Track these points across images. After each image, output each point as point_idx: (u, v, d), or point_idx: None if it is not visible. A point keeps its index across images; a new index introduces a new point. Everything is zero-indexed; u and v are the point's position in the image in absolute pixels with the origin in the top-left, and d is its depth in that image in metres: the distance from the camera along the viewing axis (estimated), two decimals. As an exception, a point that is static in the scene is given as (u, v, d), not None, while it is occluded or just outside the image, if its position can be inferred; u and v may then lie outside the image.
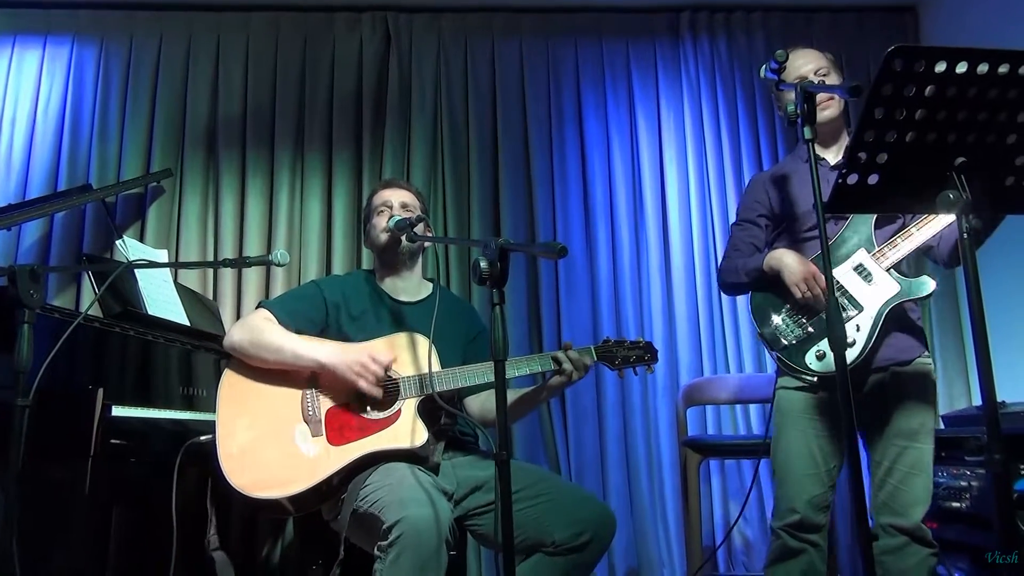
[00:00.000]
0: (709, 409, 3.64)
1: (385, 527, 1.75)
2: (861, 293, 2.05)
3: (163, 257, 3.19)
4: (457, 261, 3.72)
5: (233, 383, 2.05)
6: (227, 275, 3.61)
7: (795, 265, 2.04)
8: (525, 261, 3.74)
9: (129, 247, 3.02)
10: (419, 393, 2.04)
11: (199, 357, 2.70)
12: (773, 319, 2.11)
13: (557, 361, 2.08)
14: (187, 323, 2.86)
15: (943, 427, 2.75)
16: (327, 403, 2.03)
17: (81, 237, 3.59)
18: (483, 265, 1.59)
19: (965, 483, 2.62)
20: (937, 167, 1.50)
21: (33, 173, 3.64)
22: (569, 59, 3.98)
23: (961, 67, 1.40)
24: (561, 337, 3.64)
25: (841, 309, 2.02)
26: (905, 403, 2.06)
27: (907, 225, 2.07)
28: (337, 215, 3.72)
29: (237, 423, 1.98)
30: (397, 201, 2.29)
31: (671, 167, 3.87)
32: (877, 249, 2.07)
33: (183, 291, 3.08)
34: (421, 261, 2.37)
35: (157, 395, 2.50)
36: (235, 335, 2.06)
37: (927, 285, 2.02)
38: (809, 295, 2.02)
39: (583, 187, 3.86)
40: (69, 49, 3.79)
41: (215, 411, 2.01)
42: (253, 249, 3.64)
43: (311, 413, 2.01)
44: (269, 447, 1.95)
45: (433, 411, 2.05)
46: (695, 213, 3.82)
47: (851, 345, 2.00)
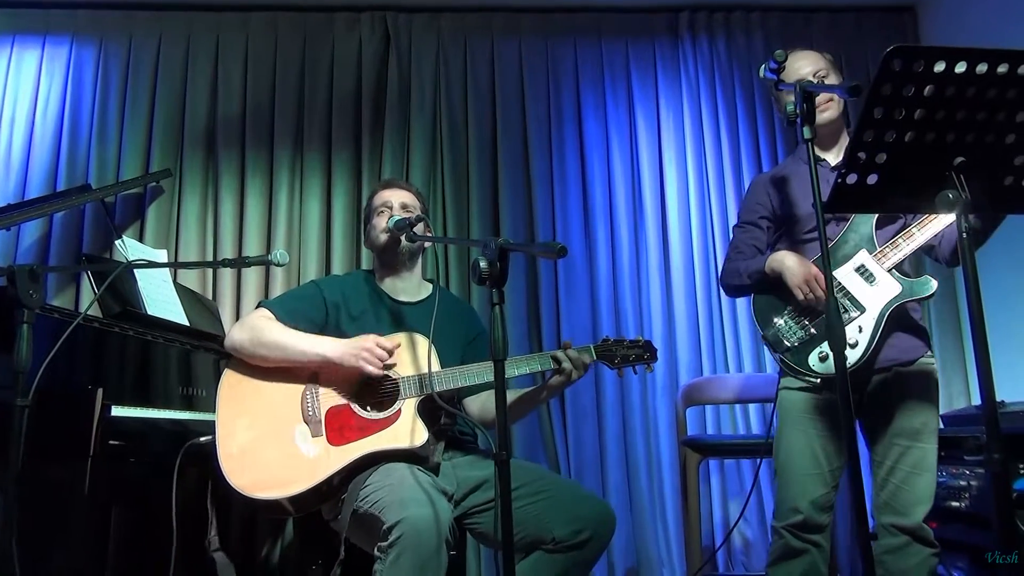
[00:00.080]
0: (708, 409, 3.64)
1: (385, 527, 1.75)
2: (863, 294, 2.04)
3: (162, 257, 3.20)
4: (457, 261, 3.72)
5: (233, 383, 2.05)
6: (226, 275, 3.61)
7: (796, 267, 2.04)
8: (524, 261, 3.73)
9: (128, 247, 3.02)
10: (419, 393, 2.04)
11: (198, 357, 2.70)
12: (775, 321, 2.11)
13: (556, 360, 2.08)
14: (186, 323, 2.86)
15: (942, 427, 2.75)
16: (327, 403, 2.03)
17: (80, 237, 3.59)
18: (483, 265, 1.59)
19: (964, 483, 2.62)
20: (936, 167, 1.51)
21: (32, 173, 3.64)
22: (568, 59, 3.98)
23: (960, 67, 1.40)
24: (561, 337, 3.64)
25: (843, 310, 2.03)
26: (908, 403, 2.06)
27: (908, 225, 2.07)
28: (336, 215, 3.72)
29: (237, 423, 1.98)
30: (397, 201, 2.29)
31: (670, 167, 3.87)
32: (878, 250, 2.06)
33: (182, 291, 3.08)
34: (421, 261, 2.37)
35: (156, 395, 2.50)
36: (236, 335, 2.06)
37: (929, 285, 2.01)
38: (811, 297, 2.01)
39: (582, 187, 3.86)
40: (68, 49, 3.79)
41: (215, 411, 2.01)
42: (252, 249, 3.64)
43: (311, 413, 2.01)
44: (269, 447, 1.95)
45: (433, 411, 2.05)
46: (694, 213, 3.83)
47: (853, 346, 2.00)
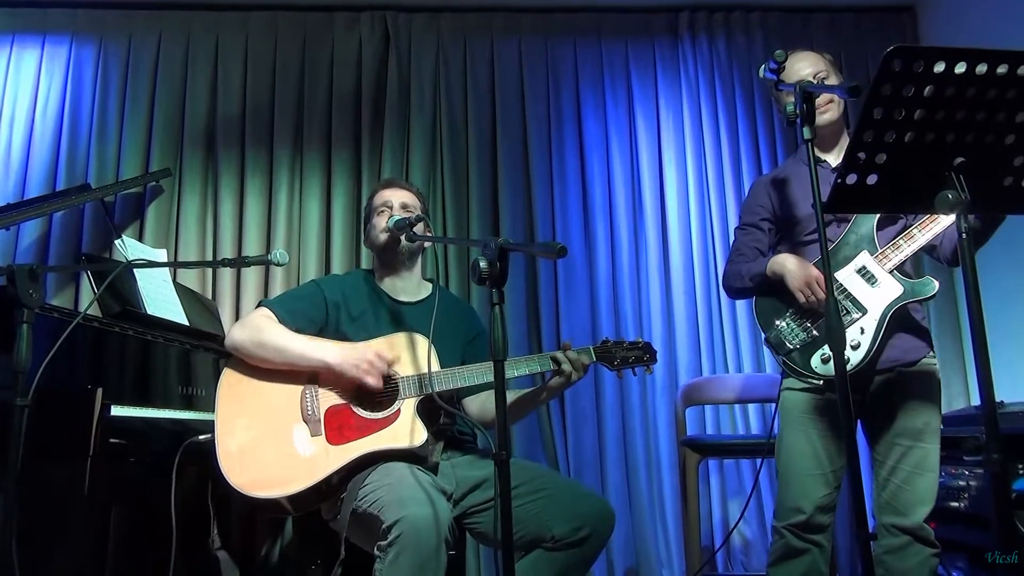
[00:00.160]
0: (708, 409, 3.64)
1: (384, 526, 1.75)
2: (865, 295, 2.04)
3: (162, 257, 3.19)
4: (456, 261, 3.72)
5: (232, 382, 2.05)
6: (226, 275, 3.61)
7: (798, 270, 2.04)
8: (524, 261, 3.73)
9: (128, 247, 3.02)
10: (418, 393, 2.04)
11: (198, 357, 2.70)
12: (778, 323, 2.10)
13: (556, 361, 2.08)
14: (186, 323, 2.86)
15: (942, 427, 2.75)
16: (326, 402, 2.03)
17: (80, 237, 3.59)
18: (482, 265, 1.59)
19: (963, 483, 2.62)
20: (936, 167, 1.50)
21: (32, 172, 3.64)
22: (568, 59, 3.98)
23: (960, 67, 1.40)
24: (560, 337, 3.64)
25: (845, 312, 2.03)
26: (910, 403, 2.06)
27: (909, 226, 2.07)
28: (336, 215, 3.72)
29: (236, 422, 1.98)
30: (397, 201, 2.29)
31: (670, 167, 3.87)
32: (880, 251, 2.06)
33: (182, 291, 3.08)
34: (420, 261, 2.37)
35: (156, 395, 2.50)
36: (237, 335, 2.06)
37: (931, 286, 2.01)
38: (813, 299, 2.01)
39: (582, 187, 3.86)
40: (68, 48, 3.79)
41: (214, 410, 2.01)
42: (252, 249, 3.63)
43: (310, 412, 2.00)
44: (268, 446, 1.95)
45: (432, 411, 2.05)
46: (694, 213, 3.83)
47: (856, 348, 2.00)
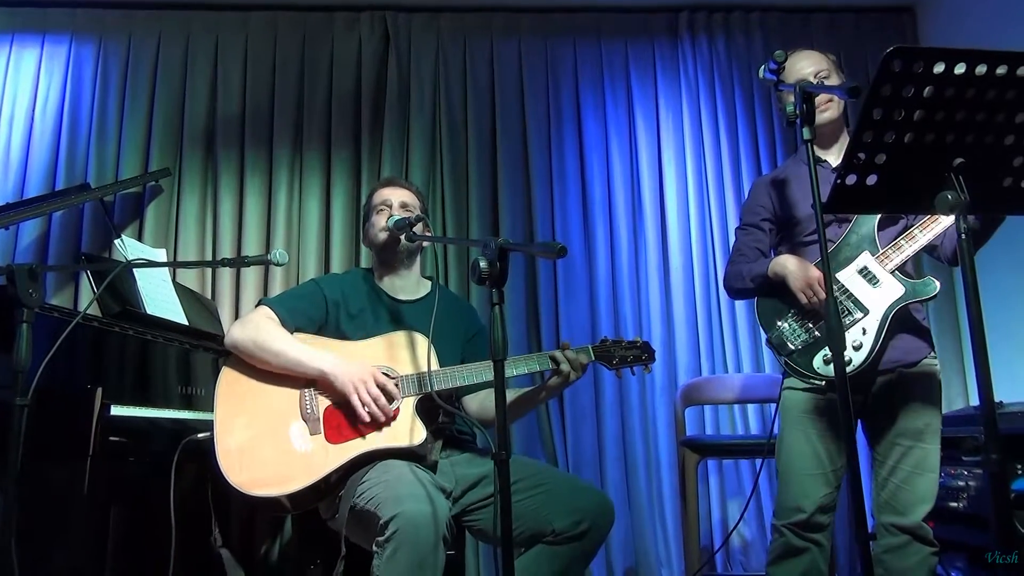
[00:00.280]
0: (707, 409, 3.65)
1: (382, 522, 1.75)
2: (866, 296, 2.04)
3: (161, 256, 3.19)
4: (456, 261, 3.72)
5: (231, 381, 2.05)
6: (225, 274, 3.61)
7: (799, 270, 2.04)
8: (524, 261, 3.73)
9: (127, 246, 3.02)
10: (417, 392, 2.04)
11: (198, 356, 2.70)
12: (780, 324, 2.11)
13: (554, 360, 2.08)
14: (186, 322, 2.86)
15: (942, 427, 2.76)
16: (325, 401, 2.03)
17: (79, 236, 3.58)
18: (482, 265, 1.59)
19: (962, 483, 2.63)
20: (935, 168, 1.51)
21: (31, 172, 3.64)
22: (568, 59, 3.98)
23: (959, 68, 1.40)
24: (560, 337, 3.64)
25: (847, 312, 2.03)
26: (911, 404, 2.06)
27: (910, 226, 2.07)
28: (336, 214, 3.72)
29: (235, 421, 1.98)
30: (397, 200, 2.29)
31: (669, 167, 3.87)
32: (881, 252, 2.06)
33: (182, 290, 3.08)
34: (419, 259, 2.37)
35: (156, 394, 2.50)
36: (237, 333, 2.06)
37: (932, 286, 2.01)
38: (814, 300, 2.01)
39: (582, 187, 3.86)
40: (67, 48, 3.78)
41: (213, 409, 2.01)
42: (251, 248, 3.63)
43: (309, 411, 2.00)
44: (267, 445, 1.95)
45: (431, 410, 2.05)
46: (693, 213, 3.83)
47: (858, 348, 2.00)
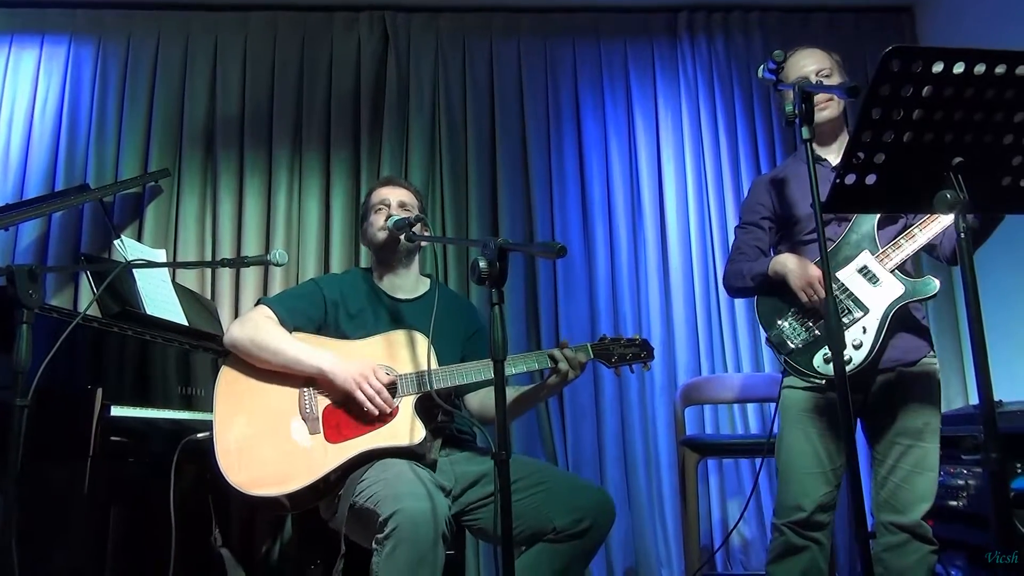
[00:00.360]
0: (707, 408, 3.65)
1: (381, 520, 1.75)
2: (866, 295, 2.04)
3: (161, 257, 3.19)
4: (455, 261, 3.72)
5: (230, 380, 2.05)
6: (225, 275, 3.61)
7: (800, 269, 2.04)
8: (523, 261, 3.73)
9: (127, 247, 3.02)
10: (417, 391, 2.04)
11: (197, 357, 2.70)
12: (780, 323, 2.11)
13: (553, 359, 2.08)
14: (185, 323, 2.86)
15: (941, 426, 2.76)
16: (324, 400, 2.03)
17: (79, 237, 3.59)
18: (482, 265, 1.59)
19: (962, 481, 2.63)
20: (934, 167, 1.51)
21: (30, 173, 3.64)
22: (567, 59, 3.98)
23: (958, 67, 1.40)
24: (559, 336, 3.64)
25: (847, 311, 2.03)
26: (910, 403, 2.06)
27: (910, 225, 2.07)
28: (335, 215, 3.72)
29: (234, 420, 1.98)
30: (395, 199, 2.29)
31: (669, 166, 3.87)
32: (881, 251, 2.06)
33: (181, 291, 3.08)
34: (418, 257, 2.37)
35: (156, 395, 2.50)
36: (236, 332, 2.06)
37: (932, 285, 2.01)
38: (815, 299, 2.01)
39: (581, 187, 3.86)
40: (66, 49, 3.79)
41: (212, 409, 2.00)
42: (251, 249, 3.63)
43: (308, 410, 2.01)
44: (266, 444, 1.95)
45: (430, 408, 2.05)
46: (693, 212, 3.83)
47: (858, 347, 2.00)
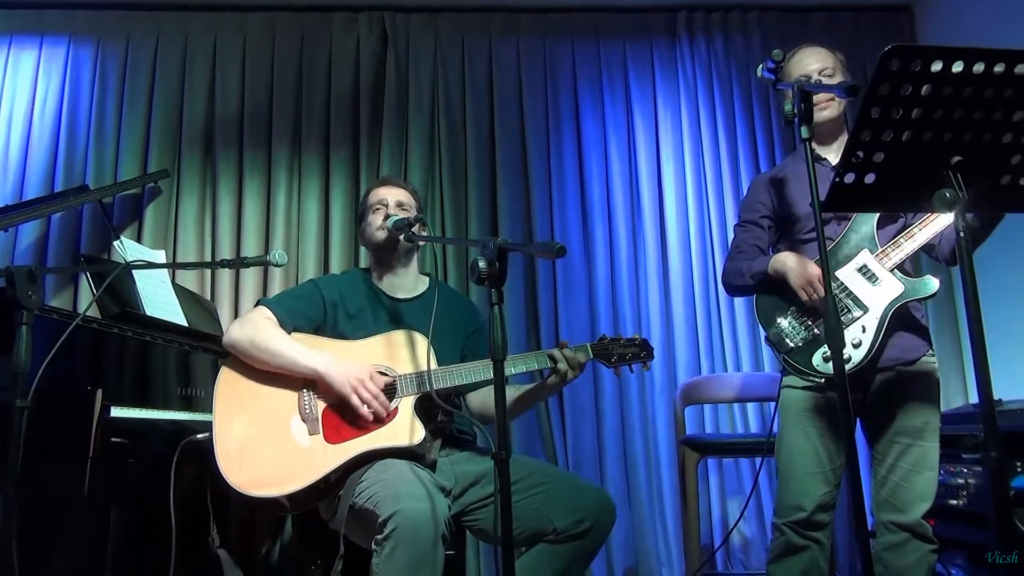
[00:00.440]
0: (707, 408, 3.65)
1: (380, 520, 1.75)
2: (866, 294, 2.04)
3: (160, 258, 3.19)
4: (455, 261, 3.72)
5: (230, 381, 2.05)
6: (225, 275, 3.61)
7: (799, 267, 2.04)
8: (523, 261, 3.73)
9: (126, 248, 3.02)
10: (416, 391, 2.04)
11: (197, 358, 2.70)
12: (779, 321, 2.11)
13: (552, 359, 2.08)
14: (185, 324, 2.86)
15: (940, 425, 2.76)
16: (324, 401, 2.03)
17: (78, 238, 3.59)
18: (482, 265, 1.59)
19: (962, 480, 2.63)
20: (934, 166, 1.51)
21: (30, 174, 3.64)
22: (566, 59, 3.98)
23: (957, 66, 1.40)
24: (559, 336, 3.64)
25: (846, 310, 2.03)
26: (909, 402, 2.06)
27: (909, 225, 2.07)
28: (335, 215, 3.72)
29: (234, 421, 1.98)
30: (392, 199, 2.29)
31: (668, 166, 3.87)
32: (880, 250, 2.06)
33: (181, 292, 3.08)
34: (417, 256, 2.37)
35: (155, 396, 2.50)
36: (235, 333, 2.06)
37: (931, 285, 2.01)
38: (815, 297, 2.01)
39: (580, 187, 3.86)
40: (65, 50, 3.78)
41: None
42: (251, 249, 3.63)
43: (308, 411, 2.01)
44: (266, 445, 1.95)
45: (430, 409, 2.05)
46: (692, 212, 3.83)
47: (857, 346, 2.00)
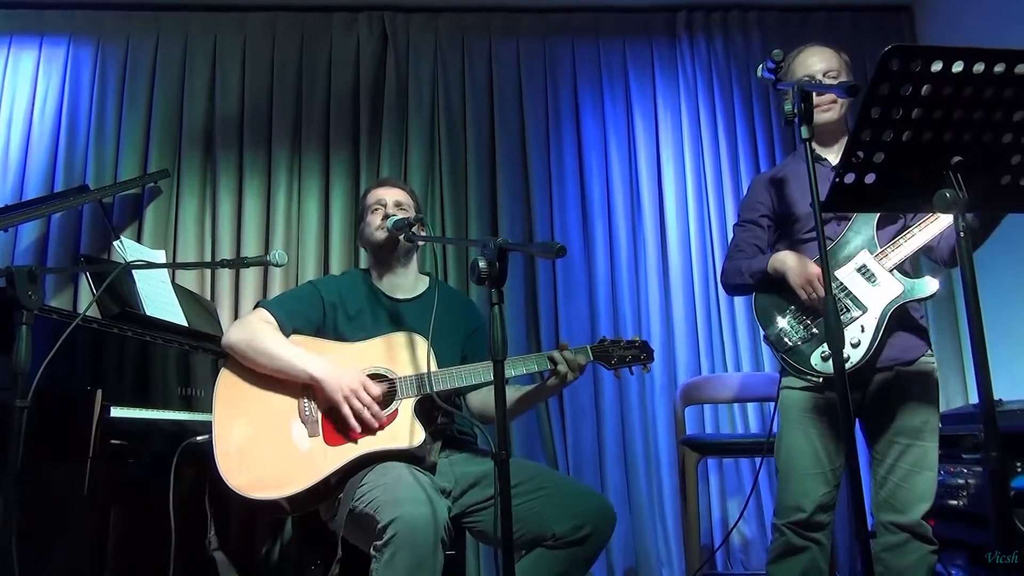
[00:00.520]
0: (707, 408, 3.65)
1: (380, 526, 1.74)
2: (865, 294, 2.04)
3: (160, 258, 3.19)
4: (455, 261, 3.72)
5: (230, 383, 2.05)
6: (225, 275, 3.61)
7: (799, 267, 2.04)
8: (523, 261, 3.73)
9: (126, 248, 3.02)
10: (416, 393, 2.03)
11: (197, 358, 2.70)
12: (778, 321, 2.11)
13: (552, 361, 2.08)
14: (185, 324, 2.86)
15: (940, 425, 2.76)
16: (324, 403, 2.02)
17: (78, 238, 3.59)
18: (482, 265, 1.59)
19: (962, 481, 2.63)
20: (934, 166, 1.51)
21: (30, 174, 3.64)
22: (566, 58, 3.98)
23: (957, 66, 1.40)
24: (559, 336, 3.64)
25: (845, 310, 2.03)
26: (908, 402, 2.06)
27: (909, 225, 2.07)
28: (334, 215, 3.72)
29: (234, 423, 1.98)
30: (391, 199, 2.29)
31: (668, 166, 3.87)
32: (880, 250, 2.06)
33: (181, 292, 3.08)
34: (417, 256, 2.36)
35: (155, 396, 2.50)
36: (233, 335, 2.06)
37: (930, 285, 2.02)
38: (814, 297, 2.01)
39: (580, 186, 3.86)
40: (65, 50, 3.79)
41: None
42: (251, 249, 3.63)
43: (308, 413, 2.00)
44: (266, 447, 1.95)
45: (430, 411, 2.05)
46: (692, 212, 3.83)
47: (856, 346, 2.00)
